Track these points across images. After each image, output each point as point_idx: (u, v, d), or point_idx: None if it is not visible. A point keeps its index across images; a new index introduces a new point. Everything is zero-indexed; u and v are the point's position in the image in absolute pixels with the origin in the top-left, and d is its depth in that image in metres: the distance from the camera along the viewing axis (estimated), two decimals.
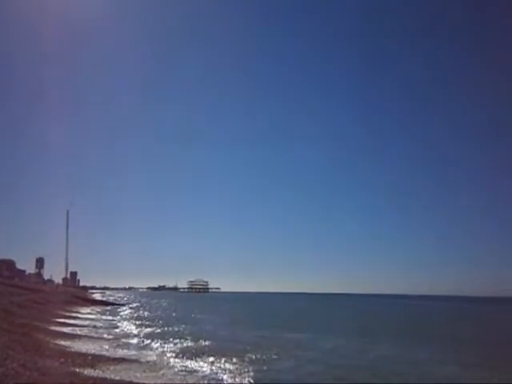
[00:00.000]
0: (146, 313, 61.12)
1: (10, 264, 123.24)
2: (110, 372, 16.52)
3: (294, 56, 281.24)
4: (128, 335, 31.45)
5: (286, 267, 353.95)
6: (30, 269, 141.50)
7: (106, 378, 15.25)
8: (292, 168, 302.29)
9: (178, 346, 26.49)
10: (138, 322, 43.38)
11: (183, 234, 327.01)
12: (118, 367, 17.69)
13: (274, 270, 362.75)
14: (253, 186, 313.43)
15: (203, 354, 23.10)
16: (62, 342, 22.74)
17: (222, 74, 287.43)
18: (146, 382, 15.69)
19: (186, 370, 18.68)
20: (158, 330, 35.84)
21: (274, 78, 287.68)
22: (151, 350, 24.68)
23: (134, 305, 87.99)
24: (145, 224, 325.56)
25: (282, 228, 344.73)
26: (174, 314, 58.80)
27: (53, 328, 29.40)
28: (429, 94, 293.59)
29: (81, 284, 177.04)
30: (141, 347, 25.39)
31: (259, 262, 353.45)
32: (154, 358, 21.60)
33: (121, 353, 22.26)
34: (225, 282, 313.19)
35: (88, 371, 15.81)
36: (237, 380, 17.38)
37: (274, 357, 23.19)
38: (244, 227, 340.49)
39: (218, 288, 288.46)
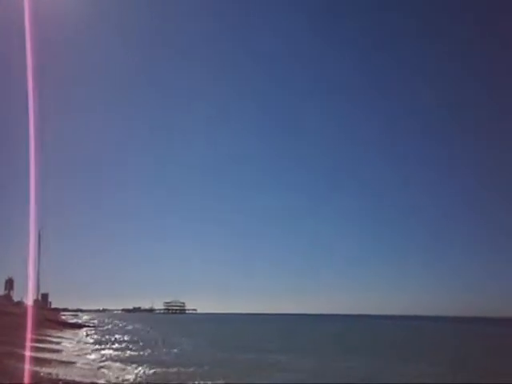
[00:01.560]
0: (118, 336, 59.44)
1: None
2: None
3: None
4: (98, 359, 30.59)
5: (266, 288, 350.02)
6: None
7: None
8: (273, 190, 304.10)
9: (151, 371, 25.85)
10: (108, 346, 42.19)
11: (159, 254, 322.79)
12: None
13: (253, 291, 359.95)
14: (231, 204, 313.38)
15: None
16: (34, 368, 21.94)
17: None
18: None
19: None
20: (133, 354, 34.97)
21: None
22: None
23: (106, 327, 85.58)
24: (119, 244, 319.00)
25: (261, 248, 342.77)
26: (149, 337, 57.44)
27: (23, 353, 28.33)
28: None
29: (53, 306, 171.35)
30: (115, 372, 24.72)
31: (237, 283, 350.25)
32: None
33: (93, 378, 21.64)
34: (202, 303, 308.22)
35: None
36: None
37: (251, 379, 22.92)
38: (222, 247, 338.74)
39: (195, 309, 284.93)
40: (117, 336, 58.02)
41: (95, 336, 57.36)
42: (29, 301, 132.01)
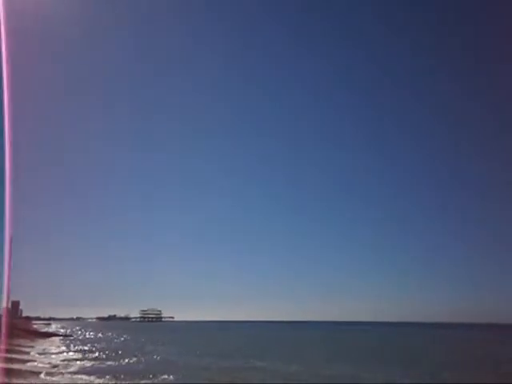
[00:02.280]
0: (91, 345, 57.76)
1: None
2: None
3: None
4: (67, 371, 29.53)
5: (243, 294, 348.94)
6: None
7: None
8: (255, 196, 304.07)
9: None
10: (81, 357, 40.87)
11: (135, 261, 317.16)
12: None
13: (231, 299, 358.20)
14: (209, 211, 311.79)
15: None
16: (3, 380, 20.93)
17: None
18: None
19: None
20: (108, 364, 33.92)
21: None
22: None
23: (80, 336, 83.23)
24: (94, 250, 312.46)
25: (238, 254, 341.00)
26: (125, 346, 56.01)
27: None
28: None
29: (24, 314, 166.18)
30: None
31: (215, 290, 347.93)
32: None
33: None
34: (179, 311, 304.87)
35: None
36: None
37: None
38: (199, 253, 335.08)
39: (172, 317, 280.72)
40: (90, 345, 56.36)
41: (68, 346, 55.55)
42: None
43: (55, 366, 31.24)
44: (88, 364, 33.88)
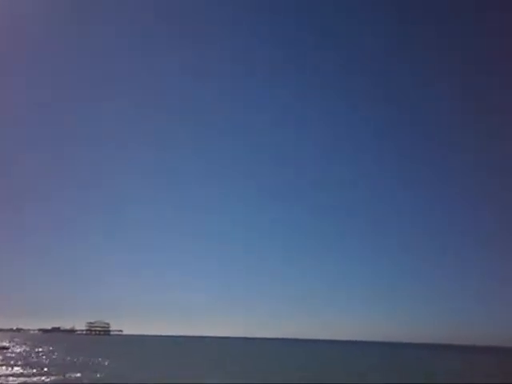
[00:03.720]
0: (31, 360, 53.45)
1: None
2: None
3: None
4: None
5: (200, 309, 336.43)
6: None
7: None
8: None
9: None
10: (19, 372, 37.46)
11: (82, 269, 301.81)
12: None
13: (185, 312, 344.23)
14: (161, 219, 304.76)
15: None
16: None
17: None
18: None
19: None
20: (49, 380, 31.02)
21: None
22: None
23: (19, 350, 77.35)
24: (37, 257, 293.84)
25: (193, 267, 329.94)
26: (69, 361, 52.22)
27: None
28: None
29: None
30: None
31: (166, 302, 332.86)
32: None
33: None
34: (129, 324, 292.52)
35: None
36: None
37: None
38: (150, 265, 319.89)
39: (121, 330, 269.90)
40: (30, 360, 52.14)
41: (5, 361, 51.08)
42: None
43: None
44: (29, 380, 30.88)
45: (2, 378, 31.61)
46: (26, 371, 37.32)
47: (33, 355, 61.32)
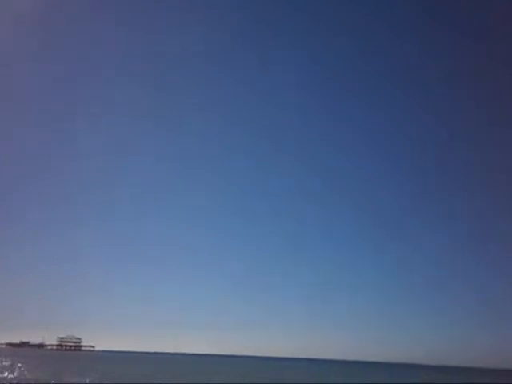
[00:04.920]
0: None
1: None
2: None
3: None
4: None
5: (173, 325, 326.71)
6: None
7: None
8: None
9: None
10: None
11: (53, 280, 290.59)
12: None
13: (159, 328, 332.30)
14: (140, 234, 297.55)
15: None
16: None
17: None
18: None
19: None
20: None
21: None
22: None
23: None
24: (5, 268, 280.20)
25: (165, 279, 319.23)
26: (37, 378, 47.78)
27: None
28: None
29: None
30: None
31: (142, 317, 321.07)
32: None
33: None
34: (101, 340, 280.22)
35: None
36: None
37: None
38: (125, 275, 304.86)
39: (93, 346, 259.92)
40: None
41: None
42: None
43: None
44: None
45: None
46: None
47: None
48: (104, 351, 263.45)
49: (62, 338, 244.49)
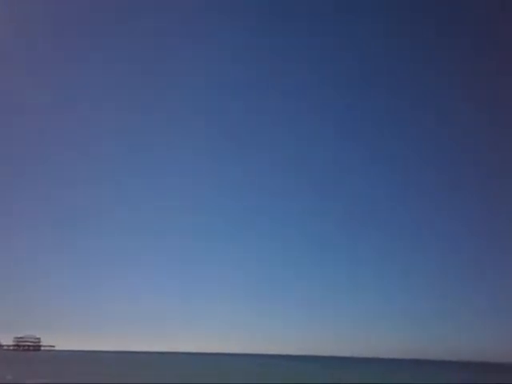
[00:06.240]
0: None
1: None
2: None
3: None
4: None
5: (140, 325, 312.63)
6: None
7: None
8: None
9: None
10: None
11: (9, 277, 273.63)
12: None
13: (122, 326, 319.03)
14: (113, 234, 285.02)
15: None
16: None
17: None
18: None
19: None
20: None
21: None
22: None
23: None
24: None
25: (139, 273, 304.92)
26: None
27: None
28: None
29: None
30: None
31: (104, 315, 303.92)
32: None
33: None
34: (62, 339, 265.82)
35: None
36: None
37: None
38: (87, 272, 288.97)
39: (53, 346, 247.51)
40: None
41: None
42: None
43: None
44: None
45: None
46: None
47: None
48: (65, 351, 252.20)
49: (20, 337, 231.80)
